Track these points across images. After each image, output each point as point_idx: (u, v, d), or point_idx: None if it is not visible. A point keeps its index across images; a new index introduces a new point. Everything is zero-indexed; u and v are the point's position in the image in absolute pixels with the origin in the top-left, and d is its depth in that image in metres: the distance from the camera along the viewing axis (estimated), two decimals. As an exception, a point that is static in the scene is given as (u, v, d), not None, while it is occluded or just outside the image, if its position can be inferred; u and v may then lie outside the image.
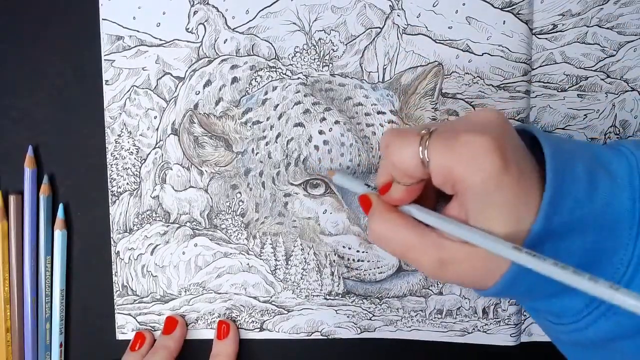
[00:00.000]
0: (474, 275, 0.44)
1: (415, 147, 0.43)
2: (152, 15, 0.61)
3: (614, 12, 0.60)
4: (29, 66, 0.63)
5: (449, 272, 0.45)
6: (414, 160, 0.43)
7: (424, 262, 0.45)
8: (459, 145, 0.41)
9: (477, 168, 0.40)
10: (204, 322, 0.65)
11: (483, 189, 0.41)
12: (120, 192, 0.63)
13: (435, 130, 0.43)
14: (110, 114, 0.62)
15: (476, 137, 0.40)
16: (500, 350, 0.65)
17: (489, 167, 0.40)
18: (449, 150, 0.41)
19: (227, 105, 0.62)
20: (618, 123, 0.62)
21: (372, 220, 0.48)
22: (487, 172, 0.40)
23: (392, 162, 0.45)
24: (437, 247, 0.44)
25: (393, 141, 0.45)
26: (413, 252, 0.46)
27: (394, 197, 0.48)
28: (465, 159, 0.41)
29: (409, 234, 0.45)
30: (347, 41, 0.61)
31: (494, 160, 0.40)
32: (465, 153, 0.41)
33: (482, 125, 0.42)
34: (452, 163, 0.41)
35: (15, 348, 0.63)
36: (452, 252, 0.44)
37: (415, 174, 0.44)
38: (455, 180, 0.42)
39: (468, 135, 0.41)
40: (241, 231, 0.63)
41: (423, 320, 0.64)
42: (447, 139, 0.41)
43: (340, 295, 0.64)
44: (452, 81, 0.61)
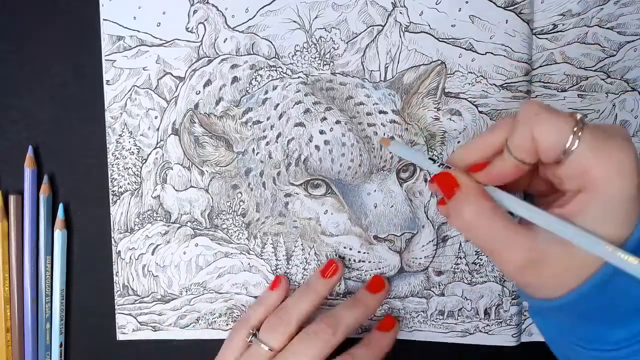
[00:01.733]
0: (555, 280, 0.44)
1: (568, 129, 0.41)
2: (153, 15, 0.61)
3: (614, 12, 0.60)
4: (29, 66, 0.63)
5: (530, 273, 0.44)
6: (560, 139, 0.42)
7: (511, 259, 0.44)
8: (614, 147, 0.41)
9: (624, 174, 0.40)
10: (205, 322, 0.65)
11: (616, 198, 0.41)
12: (121, 192, 0.63)
13: (589, 125, 0.42)
14: (111, 114, 0.62)
15: (631, 146, 0.41)
16: (501, 351, 0.64)
17: (634, 180, 0.40)
18: (601, 148, 0.41)
19: (228, 105, 0.62)
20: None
21: (466, 205, 0.46)
22: (630, 181, 0.40)
23: (532, 132, 0.43)
24: (529, 246, 0.43)
25: (546, 112, 0.43)
26: (502, 249, 0.45)
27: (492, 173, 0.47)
28: (616, 161, 0.40)
29: (503, 228, 0.44)
30: (348, 39, 0.61)
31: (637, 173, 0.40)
32: (617, 156, 0.41)
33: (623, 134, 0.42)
34: (598, 160, 0.41)
35: (15, 348, 0.63)
36: (543, 254, 0.43)
37: (547, 153, 0.43)
38: (590, 180, 0.41)
39: (624, 141, 0.41)
40: (242, 231, 0.63)
41: (424, 321, 0.64)
42: (602, 138, 0.41)
43: (341, 295, 0.64)
44: (454, 80, 0.61)
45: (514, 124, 0.45)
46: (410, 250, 0.62)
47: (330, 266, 0.62)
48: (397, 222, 0.62)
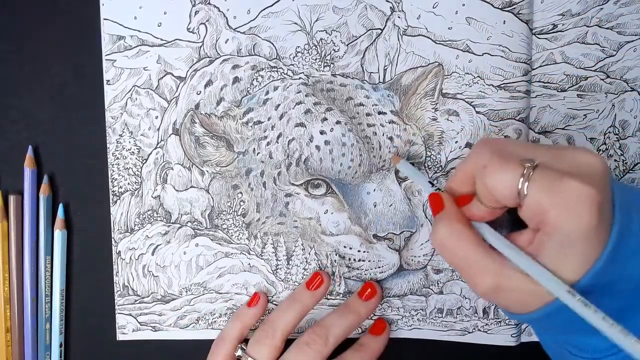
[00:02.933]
0: (517, 303, 0.46)
1: (516, 178, 0.43)
2: (154, 15, 0.61)
3: (614, 12, 0.61)
4: (29, 66, 0.63)
5: (499, 297, 0.46)
6: (510, 189, 0.43)
7: (479, 283, 0.46)
8: (564, 190, 0.41)
9: (575, 217, 0.41)
10: (205, 322, 0.65)
11: (570, 238, 0.41)
12: (122, 192, 0.63)
13: (539, 165, 0.42)
14: (112, 113, 0.62)
15: (584, 188, 0.41)
16: (500, 350, 0.65)
17: (586, 220, 0.41)
18: (552, 191, 0.41)
19: (229, 105, 0.62)
20: (617, 123, 0.62)
21: (440, 226, 0.48)
22: (582, 224, 0.41)
23: (485, 185, 0.45)
24: (497, 273, 0.45)
25: (492, 164, 0.44)
26: (471, 271, 0.47)
27: (473, 213, 0.48)
28: (566, 204, 0.41)
29: (474, 252, 0.46)
30: (348, 42, 0.61)
31: (592, 215, 0.41)
32: (568, 201, 0.41)
33: (587, 171, 0.42)
34: (551, 204, 0.42)
35: (15, 348, 0.63)
36: (509, 281, 0.45)
37: (505, 202, 0.45)
38: (546, 221, 0.42)
39: (575, 183, 0.41)
40: (242, 231, 0.63)
41: (423, 319, 0.65)
42: (553, 179, 0.42)
43: (342, 294, 0.64)
44: (452, 81, 0.61)
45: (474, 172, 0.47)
46: (409, 248, 0.63)
47: (315, 278, 0.62)
48: (396, 220, 0.62)
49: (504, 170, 0.43)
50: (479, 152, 0.46)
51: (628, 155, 0.63)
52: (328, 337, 0.60)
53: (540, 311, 0.44)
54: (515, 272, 0.44)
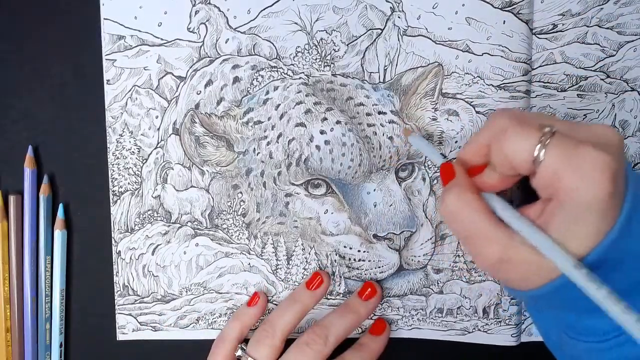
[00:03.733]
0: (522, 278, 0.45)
1: (534, 142, 0.42)
2: (154, 15, 0.61)
3: (614, 12, 0.61)
4: (29, 66, 0.63)
5: (503, 269, 0.45)
6: (527, 154, 0.43)
7: (484, 254, 0.45)
8: (581, 157, 0.41)
9: (591, 186, 0.40)
10: (205, 322, 0.65)
11: (585, 207, 0.41)
12: (122, 192, 0.63)
13: (557, 132, 0.42)
14: (112, 113, 0.62)
15: (600, 155, 0.40)
16: (500, 350, 0.65)
17: (602, 189, 0.40)
18: (568, 158, 0.41)
19: (229, 105, 0.62)
20: (618, 123, 0.62)
21: (449, 194, 0.47)
22: (597, 193, 0.40)
23: (502, 150, 0.45)
24: (504, 245, 0.44)
25: (512, 128, 0.44)
26: (477, 242, 0.46)
27: (485, 182, 0.48)
28: (582, 172, 0.41)
29: (482, 223, 0.46)
30: (348, 42, 0.61)
31: (608, 184, 0.40)
32: (583, 167, 0.41)
33: (604, 142, 0.42)
34: (566, 172, 0.41)
35: (15, 348, 0.63)
36: (515, 254, 0.44)
37: (521, 169, 0.44)
38: (560, 188, 0.42)
39: (592, 150, 0.41)
40: (242, 231, 0.63)
41: (423, 319, 0.65)
42: (569, 146, 0.41)
43: (342, 295, 0.64)
44: (452, 81, 0.61)
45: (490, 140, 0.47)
46: (409, 248, 0.63)
47: (315, 278, 0.62)
48: (396, 220, 0.62)
49: (522, 134, 0.43)
50: (497, 118, 0.46)
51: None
52: (328, 337, 0.60)
53: (544, 287, 0.43)
54: (522, 244, 0.44)
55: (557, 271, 0.42)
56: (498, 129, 0.45)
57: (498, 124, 0.45)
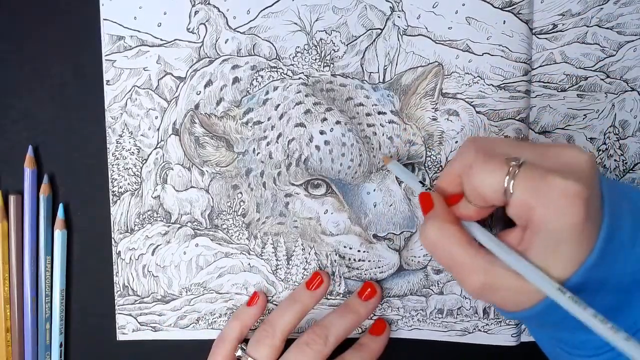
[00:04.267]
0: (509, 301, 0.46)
1: (502, 177, 0.43)
2: (153, 15, 0.61)
3: (614, 12, 0.61)
4: (29, 66, 0.63)
5: (489, 295, 0.46)
6: (497, 188, 0.43)
7: (468, 281, 0.46)
8: (549, 187, 0.41)
9: (561, 215, 0.41)
10: (205, 322, 0.65)
11: (558, 235, 0.41)
12: (121, 192, 0.63)
13: (525, 164, 0.42)
14: (112, 114, 0.62)
15: (568, 184, 0.41)
16: (500, 350, 0.65)
17: (573, 217, 0.41)
18: (537, 190, 0.41)
19: (228, 106, 0.62)
20: (617, 123, 0.62)
21: (429, 225, 0.48)
22: (569, 221, 0.41)
23: (472, 185, 0.45)
24: (486, 272, 0.45)
25: (478, 163, 0.45)
26: (460, 270, 0.47)
27: (462, 213, 0.49)
28: (552, 203, 0.41)
29: (463, 251, 0.46)
30: (348, 42, 0.61)
31: (579, 212, 0.40)
32: (553, 198, 0.41)
33: (573, 169, 0.42)
34: (537, 203, 0.41)
35: (15, 348, 0.63)
36: (498, 280, 0.45)
37: (492, 201, 0.45)
38: (532, 218, 0.42)
39: (560, 180, 0.41)
40: (242, 231, 0.63)
41: (424, 320, 0.65)
42: (537, 177, 0.42)
43: (342, 295, 0.64)
44: (452, 81, 0.61)
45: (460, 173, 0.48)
46: (409, 248, 0.63)
47: (315, 278, 0.62)
48: (396, 220, 0.62)
49: (489, 169, 0.44)
50: (465, 151, 0.47)
51: (628, 155, 0.63)
52: (328, 337, 0.60)
53: (532, 309, 0.44)
54: (504, 270, 0.44)
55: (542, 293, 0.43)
56: (465, 164, 0.46)
57: (465, 158, 0.46)
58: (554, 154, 0.44)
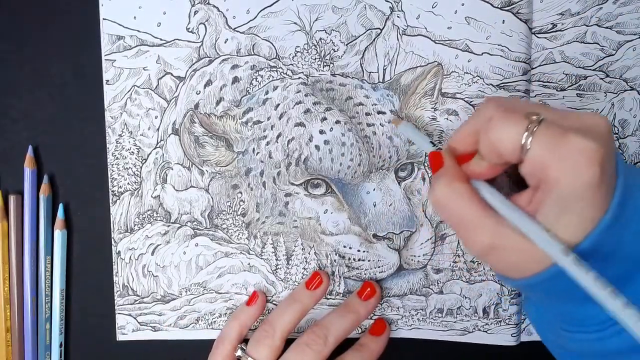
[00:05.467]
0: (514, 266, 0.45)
1: (520, 131, 0.42)
2: (153, 15, 0.61)
3: (613, 11, 0.61)
4: (29, 66, 0.63)
5: (493, 257, 0.45)
6: (514, 143, 0.42)
7: (474, 241, 0.45)
8: (567, 145, 0.40)
9: (577, 174, 0.40)
10: (205, 322, 0.65)
11: (572, 195, 0.41)
12: (121, 192, 0.63)
13: (544, 120, 0.42)
14: (111, 113, 0.62)
15: (586, 143, 0.40)
16: (500, 350, 0.65)
17: (589, 177, 0.40)
18: (554, 146, 0.41)
19: (228, 105, 0.62)
20: (617, 122, 0.62)
21: (438, 183, 0.47)
22: (584, 181, 0.40)
23: (489, 138, 0.44)
24: (493, 232, 0.44)
25: (498, 116, 0.44)
26: (467, 229, 0.46)
27: (474, 170, 0.48)
28: (568, 161, 0.40)
29: (471, 210, 0.45)
30: (347, 41, 0.61)
31: (595, 172, 0.40)
32: (570, 156, 0.40)
33: (592, 129, 0.42)
34: (553, 160, 0.41)
35: (15, 348, 0.63)
36: (505, 241, 0.44)
37: (508, 157, 0.44)
38: (547, 177, 0.42)
39: (578, 138, 0.40)
40: (242, 231, 0.63)
41: (423, 319, 0.65)
42: (556, 134, 0.41)
43: (341, 294, 0.64)
44: (451, 81, 0.61)
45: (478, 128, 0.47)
46: (409, 248, 0.63)
47: (314, 278, 0.62)
48: (395, 220, 0.62)
49: (508, 123, 0.43)
50: (485, 107, 0.46)
51: (628, 154, 0.63)
52: (328, 337, 0.60)
53: (537, 276, 0.43)
54: (512, 231, 0.44)
55: (550, 260, 0.42)
56: (485, 118, 0.45)
57: (485, 112, 0.45)
58: (573, 116, 0.43)
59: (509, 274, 0.46)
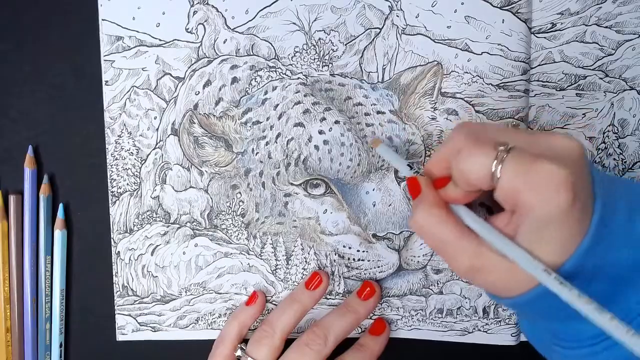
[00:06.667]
0: (499, 285, 0.46)
1: (489, 161, 0.42)
2: (152, 16, 0.61)
3: (613, 10, 0.60)
4: (29, 66, 0.63)
5: (477, 278, 0.46)
6: (484, 173, 0.43)
7: (457, 264, 0.46)
8: (536, 172, 0.41)
9: (548, 199, 0.41)
10: (205, 322, 0.65)
11: (545, 220, 0.41)
12: (121, 193, 0.63)
13: (514, 149, 0.42)
14: (110, 114, 0.62)
15: (555, 169, 0.40)
16: (500, 350, 0.65)
17: (559, 202, 0.40)
18: (524, 174, 0.41)
19: (227, 106, 0.62)
20: (617, 122, 0.62)
21: (418, 210, 0.48)
22: (555, 206, 0.40)
23: (459, 168, 0.45)
24: (474, 254, 0.45)
25: (467, 148, 0.44)
26: (448, 253, 0.47)
27: (449, 195, 0.48)
28: (538, 187, 0.41)
29: (451, 234, 0.46)
30: (346, 41, 0.61)
31: (566, 197, 0.40)
32: (539, 182, 0.41)
33: (562, 154, 0.42)
34: (524, 188, 0.41)
35: (15, 348, 0.63)
36: (486, 262, 0.45)
37: (480, 185, 0.44)
38: (519, 203, 0.42)
39: (547, 164, 0.41)
40: (241, 231, 0.63)
41: (423, 320, 0.64)
42: (525, 162, 0.41)
43: (341, 294, 0.64)
44: (451, 80, 0.61)
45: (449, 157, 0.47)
46: (408, 248, 0.63)
47: (314, 278, 0.62)
48: (395, 220, 0.62)
49: (477, 153, 0.43)
50: (455, 135, 0.46)
51: (627, 154, 0.62)
52: (327, 337, 0.60)
53: (524, 295, 0.44)
54: (492, 252, 0.44)
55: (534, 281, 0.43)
56: (454, 149, 0.46)
57: (455, 143, 0.46)
58: (543, 140, 0.44)
59: (496, 293, 0.47)
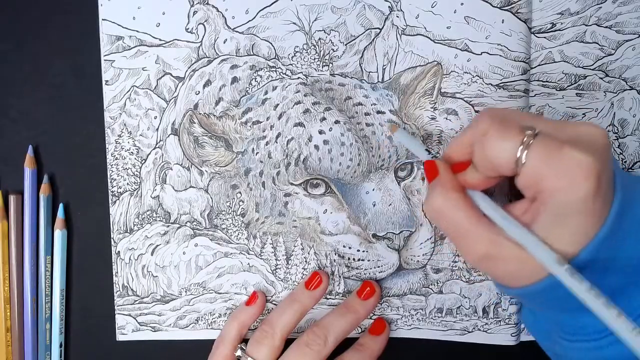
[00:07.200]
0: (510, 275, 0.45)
1: (515, 145, 0.42)
2: (152, 16, 0.61)
3: (613, 10, 0.61)
4: (29, 66, 0.63)
5: (489, 266, 0.46)
6: (509, 158, 0.43)
7: (470, 250, 0.46)
8: (563, 159, 0.41)
9: (572, 186, 0.40)
10: (205, 322, 0.65)
11: (568, 208, 0.41)
12: (121, 192, 0.63)
13: (540, 134, 0.42)
14: (111, 114, 0.62)
15: (582, 156, 0.40)
16: (500, 350, 0.65)
17: (584, 190, 0.40)
18: (550, 160, 0.41)
19: (227, 105, 0.62)
20: (617, 122, 0.62)
21: (434, 193, 0.48)
22: (579, 194, 0.40)
23: (484, 153, 0.44)
24: (489, 241, 0.45)
25: (493, 131, 0.44)
26: (463, 238, 0.46)
27: (468, 181, 0.48)
28: (564, 174, 0.40)
29: (466, 220, 0.46)
30: (346, 41, 0.61)
31: (591, 185, 0.40)
32: (565, 169, 0.40)
33: (588, 142, 0.42)
34: (549, 174, 0.41)
35: (15, 348, 0.63)
36: (501, 250, 0.44)
37: (503, 171, 0.44)
38: (543, 190, 0.42)
39: (574, 151, 0.40)
40: (241, 231, 0.63)
41: (423, 319, 0.64)
42: (552, 147, 0.41)
43: (341, 294, 0.64)
44: (451, 80, 0.61)
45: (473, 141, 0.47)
46: (408, 248, 0.63)
47: (314, 278, 0.62)
48: (395, 220, 0.62)
49: (503, 137, 0.43)
50: (480, 120, 0.46)
51: (627, 154, 0.63)
52: (327, 337, 0.60)
53: (534, 286, 0.44)
54: (507, 241, 0.44)
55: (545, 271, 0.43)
56: (480, 131, 0.45)
57: (480, 126, 0.45)
58: (569, 127, 0.44)
59: (506, 282, 0.46)
